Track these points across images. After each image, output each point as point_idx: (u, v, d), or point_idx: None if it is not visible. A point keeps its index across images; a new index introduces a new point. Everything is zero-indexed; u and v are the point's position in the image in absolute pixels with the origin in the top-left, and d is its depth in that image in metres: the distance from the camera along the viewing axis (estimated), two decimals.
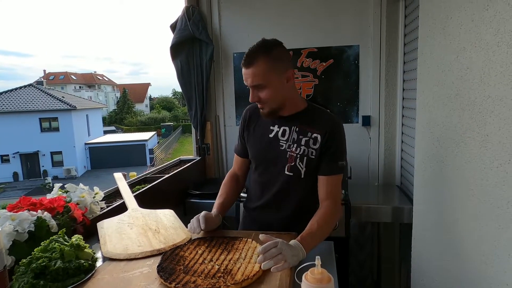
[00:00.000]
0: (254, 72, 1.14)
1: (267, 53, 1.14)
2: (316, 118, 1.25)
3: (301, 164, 1.23)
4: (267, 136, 1.29)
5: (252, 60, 1.13)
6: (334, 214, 1.19)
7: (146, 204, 1.47)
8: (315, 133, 1.22)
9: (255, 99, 1.19)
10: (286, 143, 1.25)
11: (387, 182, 2.43)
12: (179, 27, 2.47)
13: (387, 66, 2.32)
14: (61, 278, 0.91)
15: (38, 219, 1.06)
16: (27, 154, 20.05)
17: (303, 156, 1.23)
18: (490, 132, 0.91)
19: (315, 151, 1.22)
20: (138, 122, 36.63)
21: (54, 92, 21.98)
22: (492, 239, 0.91)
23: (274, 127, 1.28)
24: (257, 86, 1.16)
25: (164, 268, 0.96)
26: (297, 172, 1.24)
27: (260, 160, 1.33)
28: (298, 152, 1.23)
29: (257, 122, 1.34)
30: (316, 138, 1.22)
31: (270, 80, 1.15)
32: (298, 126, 1.25)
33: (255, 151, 1.33)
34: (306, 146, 1.22)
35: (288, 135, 1.25)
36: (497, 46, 0.87)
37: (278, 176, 1.27)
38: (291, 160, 1.24)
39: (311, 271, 0.72)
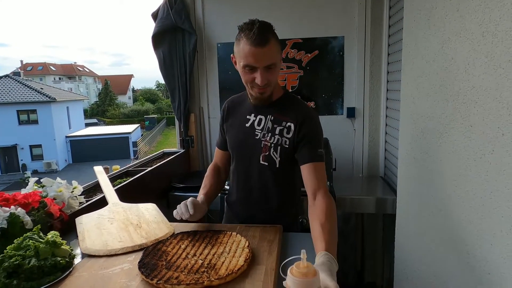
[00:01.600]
0: (269, 51, 1.09)
1: (274, 33, 1.13)
2: (291, 107, 1.24)
3: (275, 154, 1.22)
4: (243, 125, 1.27)
5: (266, 40, 1.08)
6: (333, 205, 1.11)
7: (128, 198, 1.42)
8: (289, 122, 1.21)
9: (265, 81, 1.12)
10: (261, 132, 1.24)
11: (371, 174, 2.45)
12: (161, 16, 2.40)
13: (371, 58, 2.32)
14: (36, 276, 0.86)
15: (11, 215, 1.01)
16: (4, 147, 19.38)
17: (277, 145, 1.21)
18: (474, 123, 0.91)
19: (288, 140, 1.20)
20: (121, 115, 35.92)
21: (33, 84, 21.21)
22: (475, 229, 0.92)
23: (251, 116, 1.27)
24: (269, 67, 1.11)
25: (146, 264, 0.93)
26: (271, 161, 1.23)
27: (237, 150, 1.31)
28: (272, 141, 1.21)
29: (235, 113, 1.32)
30: (290, 127, 1.20)
31: (278, 60, 1.14)
32: (273, 115, 1.23)
33: (232, 141, 1.32)
34: (280, 135, 1.21)
35: (264, 124, 1.24)
36: (482, 36, 0.87)
37: (254, 166, 1.26)
38: (266, 149, 1.22)
39: (297, 265, 0.70)
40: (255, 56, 1.08)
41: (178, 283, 0.84)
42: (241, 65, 1.13)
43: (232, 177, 1.38)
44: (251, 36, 1.07)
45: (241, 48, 1.11)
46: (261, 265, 0.95)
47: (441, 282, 1.15)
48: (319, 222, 1.02)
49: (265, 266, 0.94)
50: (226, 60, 2.53)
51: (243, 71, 1.14)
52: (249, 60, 1.09)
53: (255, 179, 1.28)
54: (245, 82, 1.17)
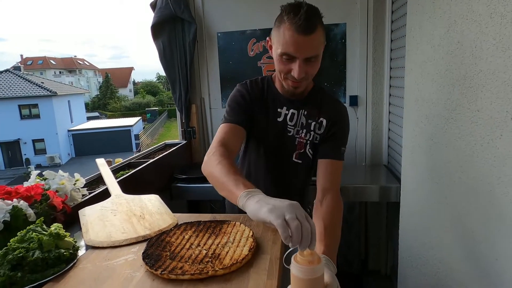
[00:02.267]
0: (314, 41, 0.96)
1: (321, 22, 0.99)
2: (323, 101, 1.16)
3: (310, 151, 1.16)
4: (275, 119, 1.16)
5: (314, 27, 0.94)
6: (341, 209, 1.06)
7: (130, 190, 1.42)
8: (322, 118, 1.14)
9: (303, 74, 0.99)
10: (294, 128, 1.15)
11: (375, 162, 2.44)
12: (159, 6, 2.36)
13: (374, 44, 2.28)
14: (40, 269, 0.86)
15: (13, 208, 1.00)
16: (7, 142, 19.46)
17: (312, 142, 1.15)
18: (481, 108, 0.89)
19: (319, 136, 1.14)
20: (122, 108, 35.92)
21: (33, 78, 21.19)
22: (483, 215, 0.90)
23: (282, 109, 1.15)
24: (311, 58, 0.98)
25: (150, 255, 0.93)
26: (306, 159, 1.16)
27: (266, 143, 1.19)
28: (308, 138, 1.14)
29: (263, 103, 1.18)
30: (322, 122, 1.14)
31: (320, 53, 1.01)
32: (306, 110, 1.14)
33: (262, 133, 1.18)
34: (314, 131, 1.14)
35: (296, 119, 1.15)
36: (490, 18, 0.84)
37: (284, 163, 1.18)
38: (301, 147, 1.15)
39: (300, 253, 0.69)
40: (297, 44, 0.95)
41: (183, 273, 0.83)
42: (278, 52, 1.00)
43: (253, 168, 1.24)
44: (296, 21, 0.93)
45: (281, 32, 0.97)
46: (266, 254, 0.94)
47: (446, 269, 1.14)
48: (323, 223, 0.97)
49: (270, 255, 0.93)
50: (227, 49, 2.50)
51: (279, 60, 1.01)
52: (289, 48, 0.96)
53: (285, 176, 1.21)
54: (279, 71, 1.05)
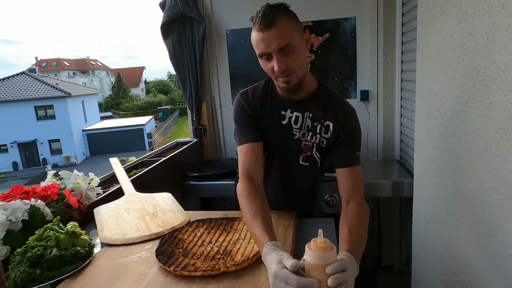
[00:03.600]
0: (279, 32, 0.95)
1: (286, 11, 0.99)
2: (329, 103, 1.12)
3: (317, 154, 1.14)
4: (279, 122, 1.14)
5: (273, 20, 0.95)
6: (366, 213, 1.04)
7: (143, 188, 1.44)
8: (328, 121, 1.11)
9: (283, 66, 0.98)
10: (299, 131, 1.13)
11: (387, 157, 2.41)
12: (168, 5, 2.38)
13: (385, 38, 2.25)
14: (58, 266, 0.89)
15: (31, 207, 1.03)
16: (25, 143, 19.98)
17: (319, 145, 1.13)
18: (495, 100, 0.87)
19: (326, 140, 1.12)
20: (135, 107, 36.36)
21: (48, 79, 21.66)
22: (497, 210, 0.89)
23: (286, 112, 1.13)
24: (284, 49, 0.97)
25: (163, 252, 0.95)
26: (313, 162, 1.15)
27: (273, 147, 1.17)
28: (314, 141, 1.12)
29: (266, 109, 1.15)
30: (328, 126, 1.11)
31: (296, 40, 0.98)
32: (311, 112, 1.12)
33: (269, 137, 1.16)
34: (320, 134, 1.12)
35: (301, 122, 1.13)
36: (502, 8, 0.82)
37: (292, 167, 1.17)
38: (307, 150, 1.13)
39: (314, 241, 0.70)
40: (263, 41, 0.96)
41: (195, 270, 0.85)
42: (258, 56, 1.02)
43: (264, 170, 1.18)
44: (256, 20, 0.97)
45: (252, 37, 1.00)
46: None
47: (460, 264, 1.13)
48: (347, 227, 0.94)
49: None
50: (236, 47, 2.50)
51: (262, 62, 1.03)
52: (260, 47, 0.98)
53: (293, 179, 1.20)
54: (267, 73, 1.06)
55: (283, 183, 1.22)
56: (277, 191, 1.23)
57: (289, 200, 1.24)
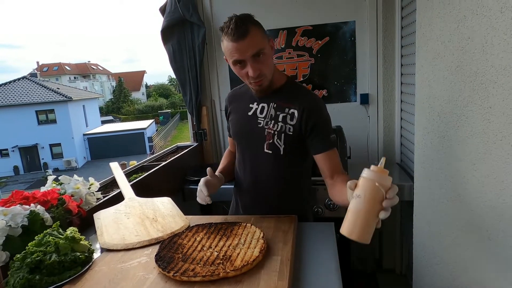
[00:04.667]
0: (252, 40, 1.07)
1: (254, 22, 1.11)
2: (294, 93, 1.23)
3: (279, 141, 1.21)
4: (246, 114, 1.27)
5: (245, 31, 1.06)
6: None
7: (143, 193, 1.44)
8: (292, 109, 1.20)
9: (257, 72, 1.11)
10: (264, 120, 1.23)
11: (387, 160, 2.39)
12: (168, 10, 2.39)
13: (384, 42, 2.25)
14: (57, 271, 0.89)
15: (31, 212, 1.03)
16: (26, 147, 20.00)
17: (280, 132, 1.20)
18: (494, 104, 0.87)
19: (292, 127, 1.19)
20: (136, 111, 36.42)
21: (49, 84, 21.73)
22: (497, 214, 0.89)
23: (253, 104, 1.27)
24: (257, 55, 1.09)
25: (163, 257, 0.94)
26: (276, 149, 1.22)
27: (239, 139, 1.33)
28: (276, 128, 1.21)
29: (238, 103, 1.34)
30: (293, 113, 1.19)
31: (266, 47, 1.12)
32: (276, 102, 1.23)
33: (235, 130, 1.34)
34: (284, 122, 1.20)
35: (266, 111, 1.23)
36: (500, 13, 0.82)
37: (258, 155, 1.26)
38: (269, 137, 1.22)
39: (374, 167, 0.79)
40: (238, 50, 1.08)
41: (195, 275, 0.85)
42: (231, 63, 1.13)
43: (238, 166, 1.38)
44: (229, 32, 1.07)
45: (225, 47, 1.11)
46: (277, 255, 0.94)
47: (462, 268, 1.12)
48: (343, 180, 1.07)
49: (281, 256, 0.94)
50: None
51: (235, 68, 1.14)
52: (235, 55, 1.09)
53: (260, 168, 1.28)
54: (241, 78, 1.17)
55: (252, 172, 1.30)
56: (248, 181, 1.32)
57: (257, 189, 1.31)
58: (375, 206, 0.77)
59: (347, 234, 0.78)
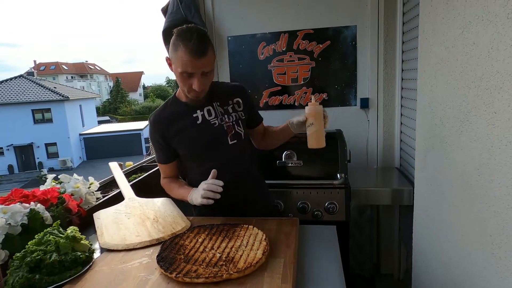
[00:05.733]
0: (207, 61, 1.16)
1: (210, 43, 1.20)
2: (224, 88, 1.40)
3: (239, 128, 1.34)
4: (195, 124, 1.30)
5: (205, 51, 1.15)
6: None
7: (143, 193, 1.43)
8: (235, 98, 1.37)
9: (202, 87, 1.19)
10: (216, 119, 1.32)
11: (386, 165, 2.41)
12: (170, 11, 2.39)
13: (385, 47, 2.26)
14: (58, 271, 0.88)
15: (31, 211, 1.02)
16: (21, 146, 19.85)
17: (237, 120, 1.34)
18: (499, 109, 0.88)
19: (242, 112, 1.37)
20: (133, 111, 36.31)
21: (46, 83, 21.59)
22: (501, 219, 0.89)
23: (197, 113, 1.31)
24: (207, 73, 1.19)
25: (164, 258, 0.94)
26: (238, 136, 1.34)
27: (200, 149, 1.32)
28: (232, 119, 1.33)
29: (176, 123, 1.30)
30: (239, 101, 1.37)
31: (214, 66, 1.24)
32: (217, 101, 1.34)
33: (191, 145, 1.31)
34: (235, 111, 1.35)
35: (215, 111, 1.32)
36: (507, 18, 0.83)
37: (224, 151, 1.31)
38: (230, 129, 1.32)
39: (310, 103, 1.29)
40: (194, 65, 1.14)
41: (197, 277, 0.84)
42: (178, 71, 1.17)
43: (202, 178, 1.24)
44: (190, 46, 1.12)
45: (179, 55, 1.14)
46: (280, 258, 0.94)
47: (463, 274, 1.12)
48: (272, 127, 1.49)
49: (284, 259, 0.93)
50: (237, 53, 2.51)
51: (181, 77, 1.19)
52: (187, 68, 1.15)
53: (230, 162, 1.33)
54: (182, 86, 1.22)
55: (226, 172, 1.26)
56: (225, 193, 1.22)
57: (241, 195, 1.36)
58: (321, 123, 1.27)
59: (316, 146, 1.27)
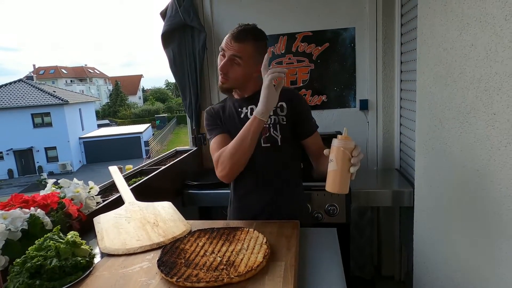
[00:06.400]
0: (239, 48, 1.22)
1: (256, 40, 1.25)
2: None
3: (276, 132, 1.30)
4: (238, 118, 1.33)
5: (243, 39, 1.22)
6: None
7: (143, 197, 1.43)
8: (280, 102, 1.30)
9: (224, 70, 1.25)
10: None
11: (386, 166, 2.41)
12: (169, 14, 2.39)
13: (384, 48, 2.27)
14: (58, 276, 0.87)
15: (31, 216, 1.02)
16: (20, 150, 19.84)
17: (275, 124, 1.30)
18: (498, 111, 0.88)
19: (284, 117, 1.31)
20: (132, 115, 36.34)
21: (45, 87, 21.62)
22: (502, 221, 0.89)
23: (242, 109, 1.34)
24: (233, 60, 1.23)
25: (165, 262, 0.93)
26: (273, 141, 1.29)
27: None
28: (270, 122, 1.30)
29: (224, 115, 1.37)
30: (282, 105, 1.31)
31: (246, 63, 1.24)
32: None
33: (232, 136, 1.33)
34: (275, 115, 1.30)
35: None
36: (504, 20, 0.83)
37: (256, 151, 1.27)
38: (265, 131, 1.29)
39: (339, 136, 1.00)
40: (228, 43, 1.24)
41: (198, 281, 0.83)
42: (220, 48, 1.27)
43: None
44: (235, 29, 1.24)
45: (227, 35, 1.26)
46: (281, 261, 0.94)
47: (464, 275, 1.12)
48: None
49: (285, 262, 0.93)
50: None
51: (219, 56, 1.28)
52: (222, 44, 1.25)
53: (260, 164, 1.30)
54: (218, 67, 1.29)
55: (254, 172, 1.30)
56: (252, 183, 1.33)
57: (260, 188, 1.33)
58: (345, 165, 0.98)
59: (330, 190, 1.00)
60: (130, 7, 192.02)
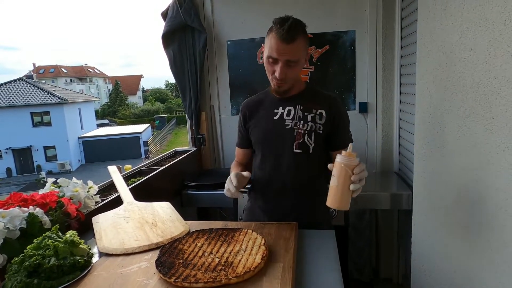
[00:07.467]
0: (293, 49, 1.14)
1: (304, 33, 1.19)
2: (317, 96, 1.31)
3: (309, 140, 1.27)
4: (272, 118, 1.30)
5: (293, 38, 1.13)
6: None
7: (142, 197, 1.43)
8: (320, 109, 1.27)
9: (283, 76, 1.18)
10: (292, 121, 1.28)
11: (385, 169, 2.42)
12: (170, 15, 2.40)
13: (384, 51, 2.28)
14: (56, 276, 0.87)
15: (29, 215, 1.02)
16: (19, 149, 19.79)
17: (311, 131, 1.26)
18: (496, 115, 0.88)
19: (322, 126, 1.27)
20: (132, 115, 36.32)
21: (45, 86, 21.58)
22: (499, 224, 0.89)
23: (279, 109, 1.31)
24: (290, 62, 1.17)
25: (163, 262, 0.93)
26: (305, 148, 1.26)
27: (267, 142, 1.32)
28: (306, 128, 1.26)
29: (258, 112, 1.35)
30: (322, 113, 1.27)
31: (301, 59, 1.19)
32: (302, 105, 1.28)
33: (260, 136, 1.34)
34: (313, 122, 1.26)
35: (294, 114, 1.28)
36: (503, 25, 0.84)
37: (286, 155, 1.28)
38: (299, 137, 1.26)
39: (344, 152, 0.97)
40: (279, 50, 1.14)
41: (196, 282, 0.83)
42: (265, 56, 1.19)
43: (259, 172, 1.37)
44: (280, 31, 1.12)
45: (269, 39, 1.17)
46: (279, 262, 0.94)
47: (462, 278, 1.12)
48: None
49: (283, 263, 0.93)
50: (236, 57, 2.52)
51: (266, 62, 1.20)
52: (273, 53, 1.15)
53: (288, 169, 1.29)
54: (267, 72, 1.23)
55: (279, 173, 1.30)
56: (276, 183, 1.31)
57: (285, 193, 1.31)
58: (346, 181, 0.96)
59: (330, 205, 0.99)
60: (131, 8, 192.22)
